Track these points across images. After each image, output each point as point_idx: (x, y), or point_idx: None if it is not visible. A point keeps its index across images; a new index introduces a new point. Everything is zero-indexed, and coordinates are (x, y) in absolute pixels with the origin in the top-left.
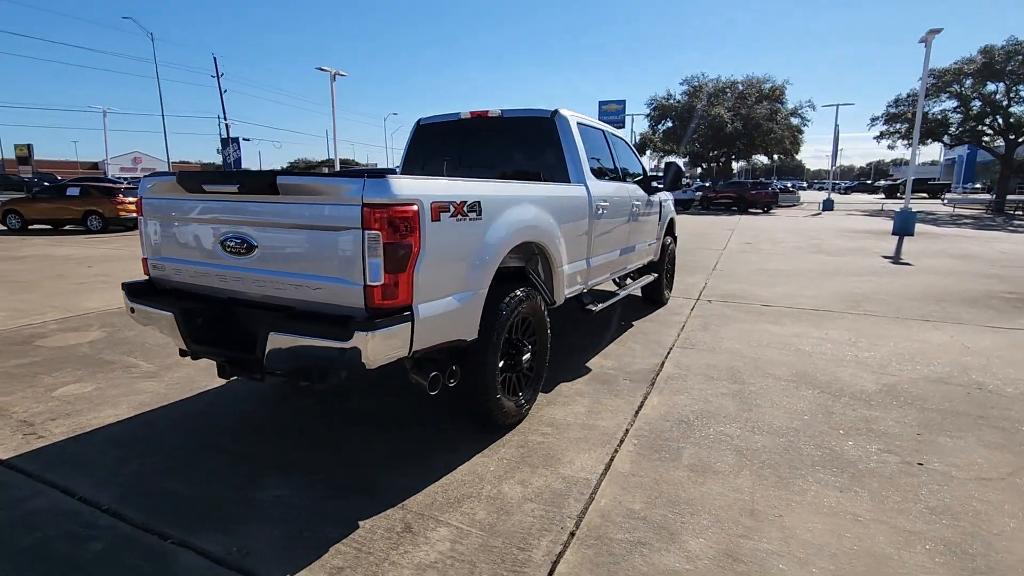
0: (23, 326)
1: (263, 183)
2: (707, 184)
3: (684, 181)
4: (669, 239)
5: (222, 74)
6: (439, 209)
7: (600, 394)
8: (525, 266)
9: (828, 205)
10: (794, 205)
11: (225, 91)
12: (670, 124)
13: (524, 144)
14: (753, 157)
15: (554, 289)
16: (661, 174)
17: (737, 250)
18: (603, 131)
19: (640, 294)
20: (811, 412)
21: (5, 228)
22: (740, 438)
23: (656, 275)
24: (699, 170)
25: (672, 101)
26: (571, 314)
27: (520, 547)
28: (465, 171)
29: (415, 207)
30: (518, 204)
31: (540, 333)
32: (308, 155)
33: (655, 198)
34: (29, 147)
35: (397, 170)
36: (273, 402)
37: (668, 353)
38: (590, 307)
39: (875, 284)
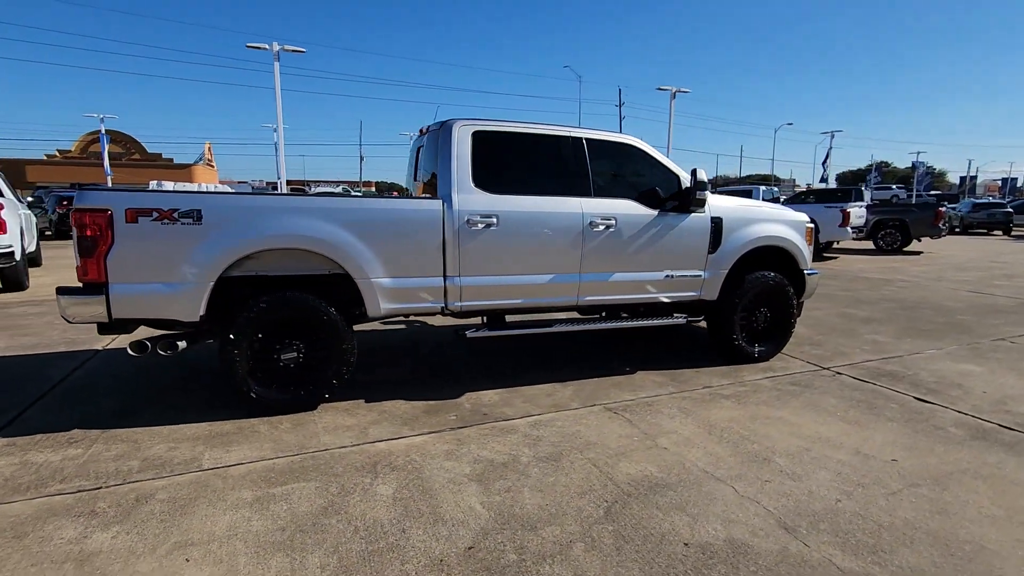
0: None
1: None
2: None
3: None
4: (771, 275)
5: (623, 103)
6: (136, 214)
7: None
8: (326, 274)
9: None
10: None
11: (624, 117)
12: None
13: (430, 156)
14: None
15: (364, 300)
16: (690, 186)
17: None
18: (564, 139)
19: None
20: None
21: None
22: None
23: (716, 318)
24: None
25: None
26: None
27: None
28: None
29: (106, 212)
30: (262, 212)
31: (322, 336)
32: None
33: (696, 217)
34: None
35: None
36: None
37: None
38: (467, 333)
39: None
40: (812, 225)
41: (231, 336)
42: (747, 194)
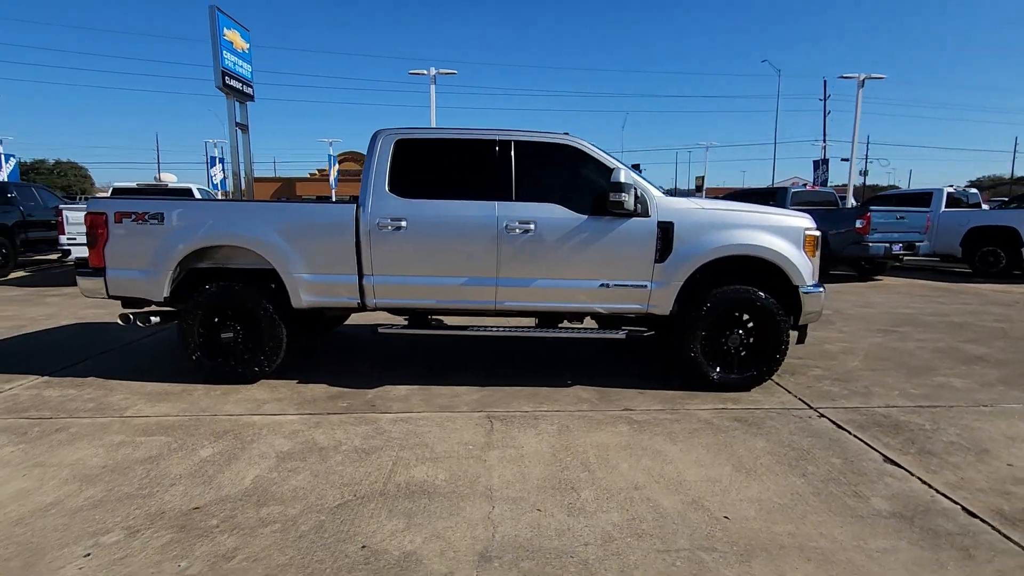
0: None
1: None
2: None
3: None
4: (746, 290)
5: (829, 96)
6: (122, 216)
7: None
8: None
9: None
10: None
11: (829, 112)
12: None
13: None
14: None
15: (288, 292)
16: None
17: None
18: (489, 142)
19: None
20: None
21: None
22: None
23: (675, 336)
24: None
25: None
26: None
27: None
28: None
29: (102, 215)
30: (211, 217)
31: (253, 321)
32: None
33: (638, 221)
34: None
35: None
36: None
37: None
38: (380, 329)
39: None
40: (815, 233)
41: (184, 314)
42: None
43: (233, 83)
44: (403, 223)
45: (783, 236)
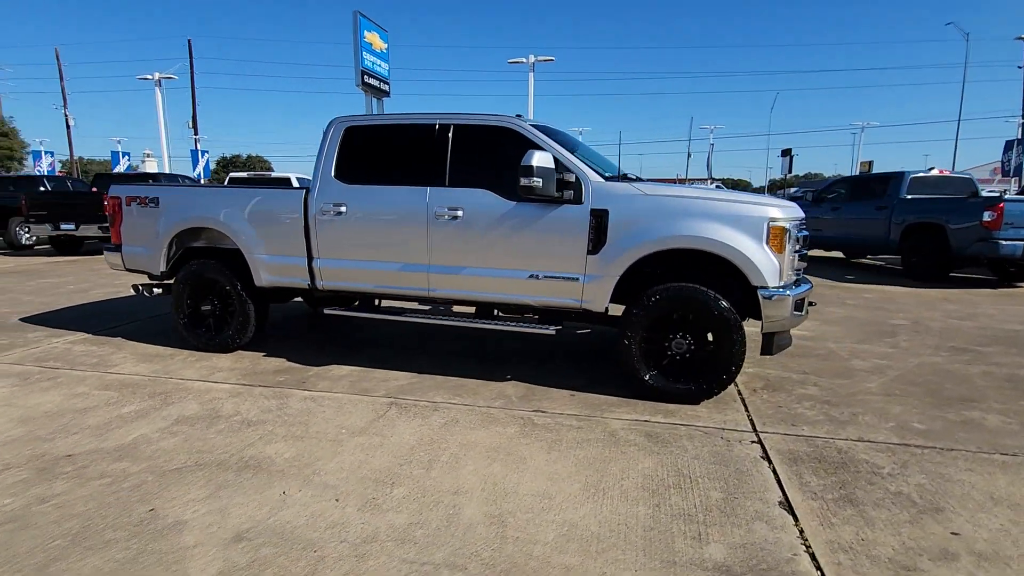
0: None
1: None
2: None
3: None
4: (688, 287)
5: None
6: (131, 200)
7: None
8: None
9: None
10: None
11: None
12: None
13: None
14: None
15: (252, 271)
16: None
17: None
18: (429, 127)
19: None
20: None
21: None
22: None
23: (623, 336)
24: None
25: None
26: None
27: None
28: None
29: (118, 199)
30: (192, 201)
31: (226, 297)
32: None
33: (569, 208)
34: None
35: None
36: None
37: None
38: (325, 310)
39: None
40: (783, 224)
41: (177, 281)
42: None
43: (371, 81)
44: (343, 208)
45: (738, 227)
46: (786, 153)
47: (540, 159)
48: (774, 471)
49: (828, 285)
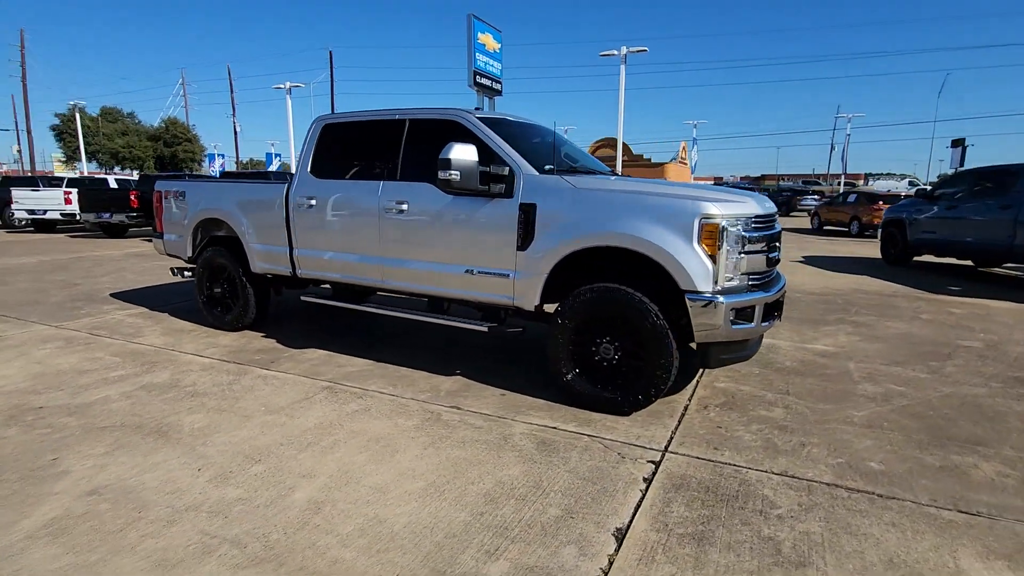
0: None
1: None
2: None
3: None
4: (609, 288)
5: None
6: (168, 194)
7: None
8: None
9: None
10: None
11: None
12: None
13: None
14: None
15: (248, 259)
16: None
17: None
18: (388, 123)
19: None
20: None
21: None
22: None
23: (551, 336)
24: None
25: None
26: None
27: None
28: None
29: (160, 193)
30: (207, 194)
31: (233, 281)
32: None
33: (500, 203)
34: None
35: None
36: None
37: None
38: (302, 296)
39: None
40: (717, 221)
41: (201, 269)
42: None
43: (483, 81)
44: (313, 202)
45: (666, 223)
46: (957, 143)
47: (459, 152)
48: (641, 493)
49: (913, 296)
